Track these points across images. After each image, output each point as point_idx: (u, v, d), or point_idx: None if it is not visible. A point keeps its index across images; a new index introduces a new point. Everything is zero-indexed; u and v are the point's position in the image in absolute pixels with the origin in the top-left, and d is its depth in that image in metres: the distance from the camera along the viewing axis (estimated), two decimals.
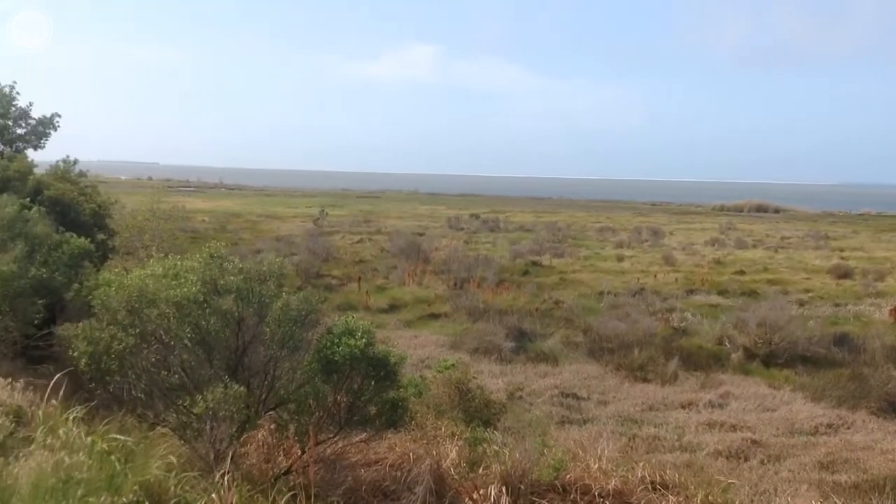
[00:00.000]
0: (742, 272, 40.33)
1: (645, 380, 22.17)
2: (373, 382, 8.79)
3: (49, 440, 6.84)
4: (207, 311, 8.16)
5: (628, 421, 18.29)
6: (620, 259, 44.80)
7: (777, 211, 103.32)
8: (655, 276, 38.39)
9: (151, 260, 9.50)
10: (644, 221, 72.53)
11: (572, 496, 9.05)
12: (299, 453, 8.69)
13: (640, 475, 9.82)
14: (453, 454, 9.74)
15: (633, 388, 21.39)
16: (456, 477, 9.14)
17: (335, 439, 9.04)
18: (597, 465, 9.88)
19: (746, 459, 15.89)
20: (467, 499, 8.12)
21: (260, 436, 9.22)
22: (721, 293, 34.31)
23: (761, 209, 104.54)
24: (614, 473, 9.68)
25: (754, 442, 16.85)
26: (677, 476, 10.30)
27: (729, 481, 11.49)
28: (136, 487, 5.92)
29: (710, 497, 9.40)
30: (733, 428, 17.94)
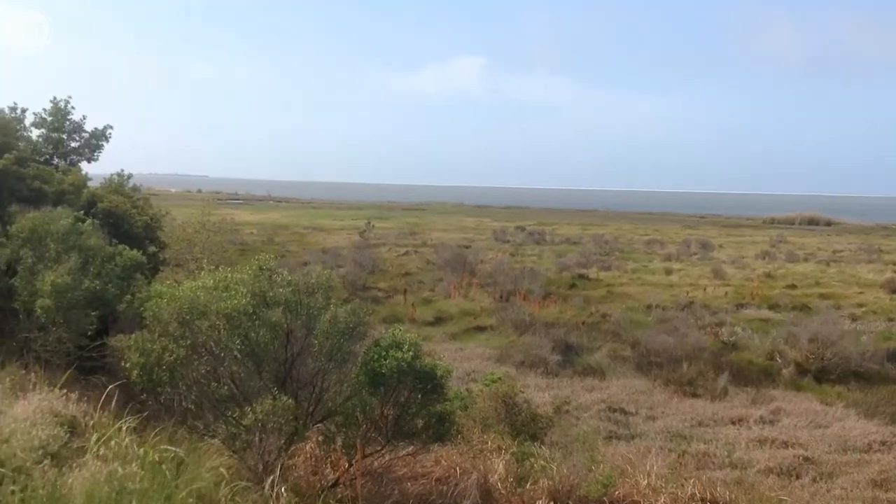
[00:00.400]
0: (793, 286, 39.66)
1: (694, 395, 21.93)
2: (420, 395, 8.79)
3: (102, 450, 6.94)
4: (257, 322, 8.24)
5: (677, 437, 18.09)
6: (669, 272, 44.33)
7: (829, 224, 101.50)
8: (705, 289, 37.94)
9: (203, 272, 9.62)
10: (693, 234, 71.69)
11: None
12: (346, 466, 8.71)
13: (689, 492, 9.71)
14: (500, 468, 9.69)
15: (681, 403, 21.17)
16: (503, 492, 9.10)
17: (382, 452, 9.05)
18: (646, 482, 9.78)
19: (798, 477, 15.64)
20: None
21: (308, 448, 9.26)
22: (772, 307, 33.77)
23: (813, 222, 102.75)
24: (664, 490, 9.58)
25: (806, 459, 16.58)
26: (728, 493, 10.16)
27: (780, 498, 11.30)
28: (188, 498, 5.97)
29: None
30: (785, 445, 17.68)
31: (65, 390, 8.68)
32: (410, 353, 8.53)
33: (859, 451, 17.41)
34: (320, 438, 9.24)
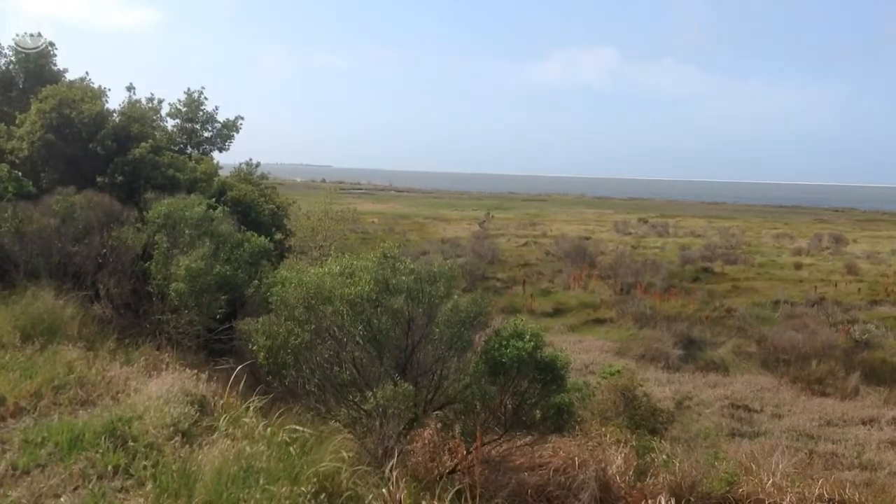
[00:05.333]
0: None
1: (823, 394, 21.22)
2: (539, 386, 8.76)
3: (231, 429, 7.18)
4: (379, 309, 8.36)
5: (804, 436, 17.54)
6: (798, 267, 42.80)
7: None
8: (836, 285, 36.49)
9: (329, 258, 9.82)
10: (825, 228, 69.03)
11: None
12: (464, 453, 8.75)
13: (817, 493, 9.36)
14: (619, 461, 9.57)
15: (809, 401, 20.50)
16: (622, 485, 8.98)
17: (500, 441, 9.06)
18: (770, 481, 9.49)
19: None
20: None
21: (426, 434, 9.34)
22: None
23: None
24: (789, 490, 9.28)
25: None
26: (857, 495, 9.77)
27: None
28: (312, 479, 6.11)
29: None
30: None
31: (195, 370, 9.02)
32: (532, 343, 8.51)
33: None
34: (439, 425, 9.31)
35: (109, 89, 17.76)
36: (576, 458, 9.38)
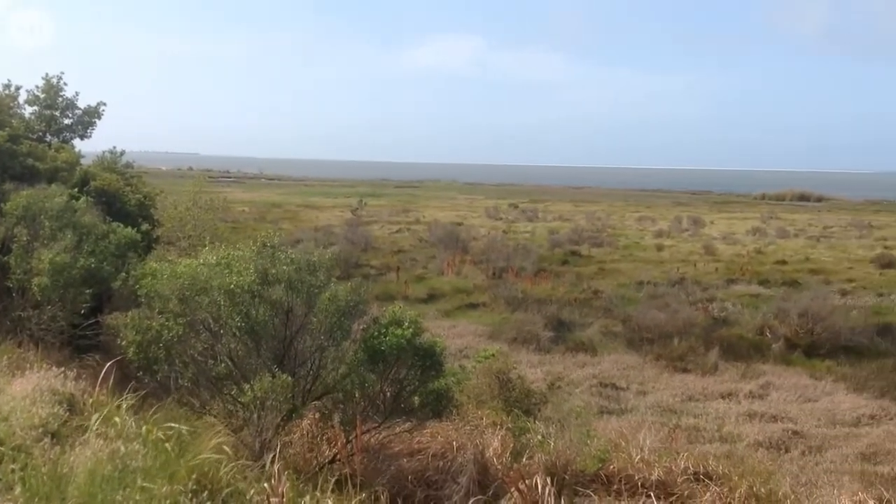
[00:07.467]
0: (784, 262, 39.86)
1: (685, 370, 22.13)
2: (418, 372, 8.84)
3: (103, 429, 6.95)
4: (257, 300, 8.26)
5: (668, 411, 18.27)
6: (660, 249, 44.49)
7: (819, 200, 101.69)
8: (695, 265, 38.11)
9: (205, 249, 9.61)
10: (684, 211, 71.82)
11: (616, 487, 9.04)
12: (344, 442, 8.75)
13: (682, 465, 9.78)
14: (496, 444, 9.75)
15: (672, 378, 21.35)
16: (499, 466, 9.16)
17: (379, 429, 9.10)
18: (639, 456, 9.84)
19: (787, 450, 15.83)
20: (512, 488, 8.12)
21: (305, 425, 9.30)
22: (762, 283, 33.94)
23: (803, 198, 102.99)
24: (657, 464, 9.65)
25: (795, 433, 16.79)
26: (720, 467, 10.25)
27: (770, 472, 11.41)
28: (190, 475, 6.01)
29: (753, 488, 9.34)
30: (774, 419, 17.88)
31: (62, 368, 8.69)
32: (410, 330, 8.58)
33: (848, 424, 17.61)
34: (317, 416, 9.28)
35: None
36: (454, 443, 9.49)
